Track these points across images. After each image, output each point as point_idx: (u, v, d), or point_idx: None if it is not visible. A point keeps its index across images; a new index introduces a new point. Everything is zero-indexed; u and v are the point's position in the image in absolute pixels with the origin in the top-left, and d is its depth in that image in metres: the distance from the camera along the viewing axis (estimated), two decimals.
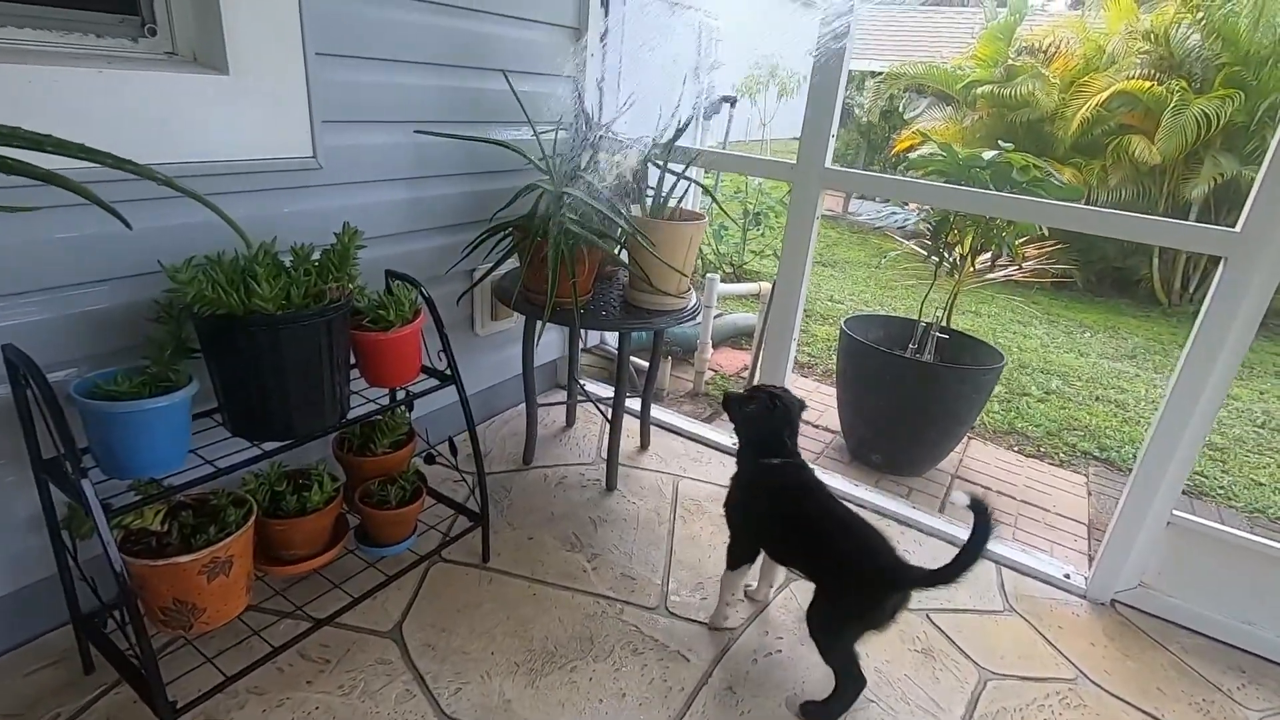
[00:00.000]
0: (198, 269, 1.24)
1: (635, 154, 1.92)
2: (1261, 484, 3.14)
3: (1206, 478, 3.12)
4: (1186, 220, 6.19)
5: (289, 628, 1.48)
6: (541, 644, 1.57)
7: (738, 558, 1.63)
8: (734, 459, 1.65)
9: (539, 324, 2.01)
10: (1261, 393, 4.58)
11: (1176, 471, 1.76)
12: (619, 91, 2.54)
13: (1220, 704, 1.61)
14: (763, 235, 5.69)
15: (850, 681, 1.44)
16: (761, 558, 1.71)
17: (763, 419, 1.57)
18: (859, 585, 1.40)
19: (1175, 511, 1.80)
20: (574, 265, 1.76)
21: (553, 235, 1.71)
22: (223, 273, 1.27)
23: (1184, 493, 2.75)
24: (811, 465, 1.60)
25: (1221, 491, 3.03)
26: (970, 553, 1.31)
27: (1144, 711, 1.57)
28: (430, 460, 1.83)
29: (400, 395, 1.75)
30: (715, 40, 3.43)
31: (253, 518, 1.35)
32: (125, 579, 1.12)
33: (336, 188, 1.73)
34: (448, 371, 1.68)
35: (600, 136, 2.11)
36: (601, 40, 2.39)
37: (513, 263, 2.04)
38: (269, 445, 1.36)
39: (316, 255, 1.42)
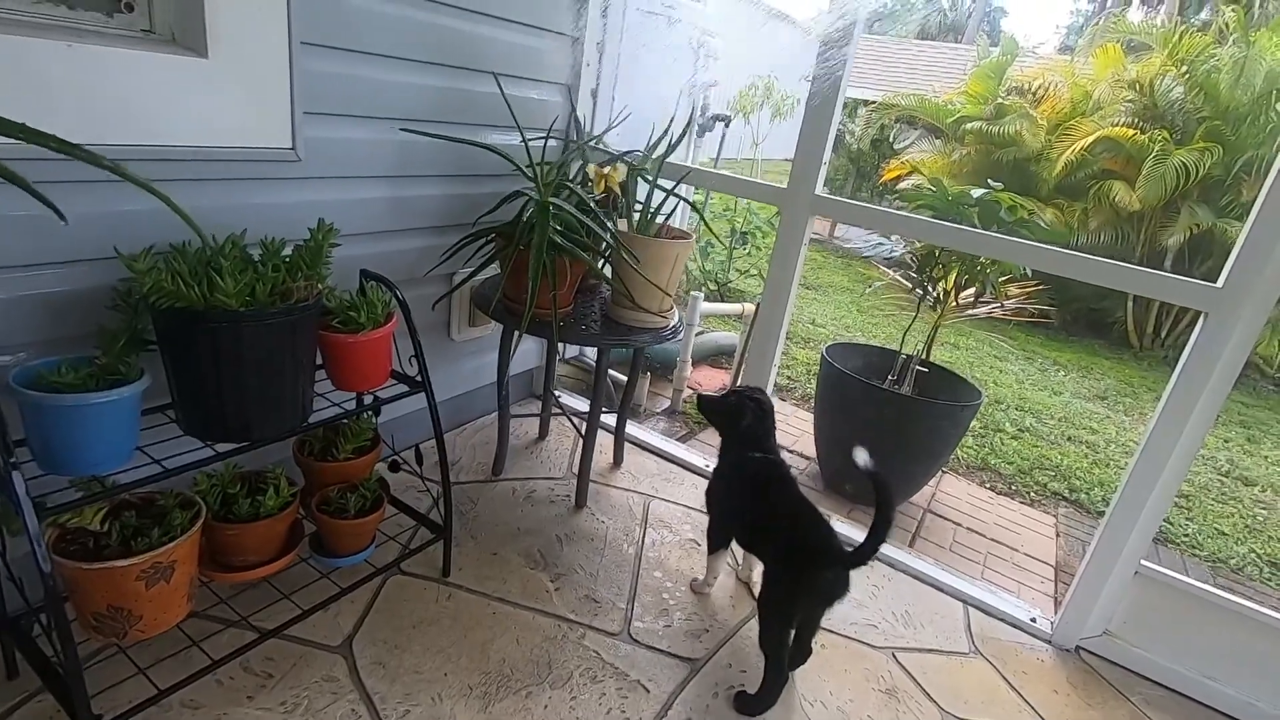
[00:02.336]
0: (157, 258, 1.18)
1: (625, 167, 1.89)
2: (1224, 534, 3.18)
3: (1172, 525, 3.15)
4: (1162, 267, 6.34)
5: (233, 638, 1.41)
6: (498, 666, 1.52)
7: (715, 543, 1.81)
8: (709, 474, 1.81)
9: (516, 335, 1.96)
10: (1226, 440, 4.67)
11: (1147, 521, 1.76)
12: (613, 102, 2.51)
13: None
14: (749, 254, 5.70)
15: (776, 673, 1.52)
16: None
17: (742, 413, 1.70)
18: (796, 564, 1.52)
19: (1143, 561, 1.80)
20: (555, 277, 1.72)
21: (535, 245, 1.67)
22: (185, 264, 1.21)
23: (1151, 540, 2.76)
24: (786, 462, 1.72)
25: (1186, 539, 3.06)
26: (878, 531, 1.42)
27: None
28: (395, 468, 1.78)
29: (368, 400, 1.69)
30: (712, 58, 3.43)
31: (200, 521, 1.28)
32: (53, 581, 1.05)
33: (315, 181, 1.67)
34: (418, 378, 1.63)
35: (591, 147, 2.08)
36: (598, 50, 2.37)
37: (493, 270, 1.99)
38: (223, 446, 1.30)
39: (288, 251, 1.37)
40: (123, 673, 1.27)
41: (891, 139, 10.00)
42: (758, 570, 1.83)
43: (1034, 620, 1.96)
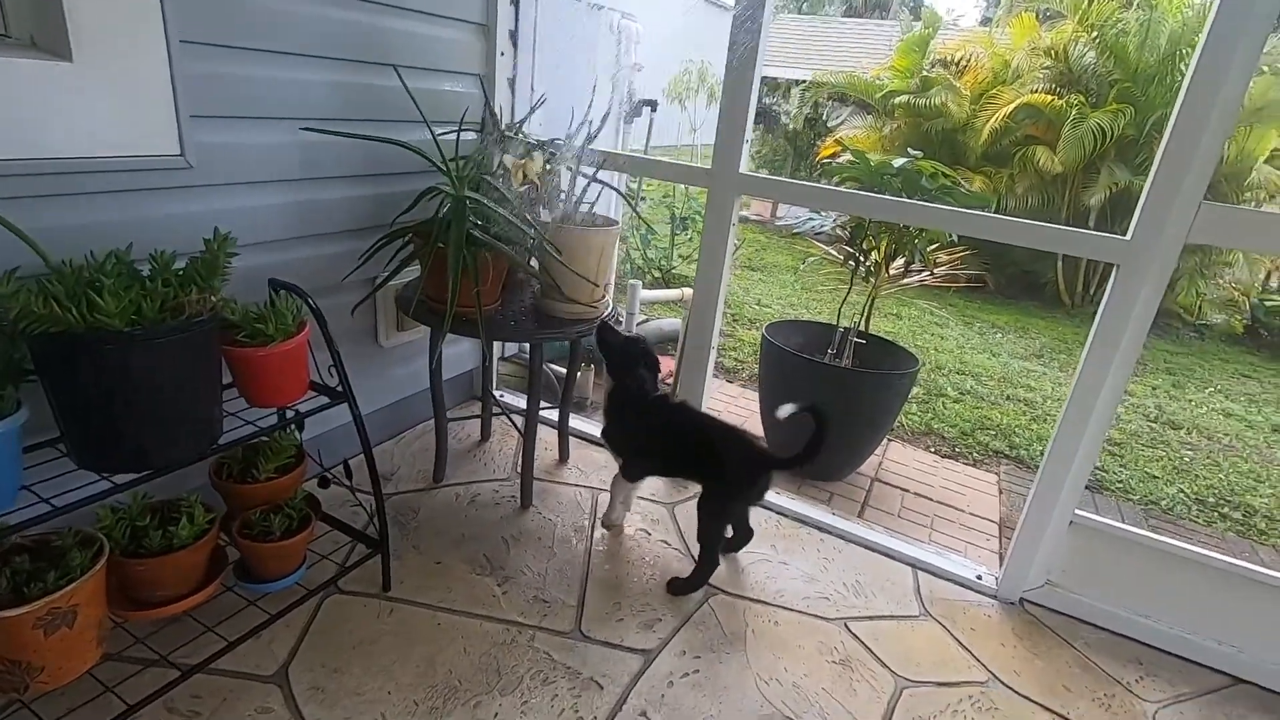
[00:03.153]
0: (23, 281, 1.09)
1: (543, 157, 1.84)
2: (1155, 477, 3.32)
3: (1106, 472, 3.28)
4: (1087, 226, 6.59)
5: (154, 678, 1.32)
6: (445, 679, 1.47)
7: (632, 476, 1.93)
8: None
9: (442, 336, 1.90)
10: (1154, 388, 4.89)
11: (1079, 471, 1.81)
12: (532, 91, 2.45)
13: (1120, 697, 1.66)
14: (690, 240, 5.70)
15: (710, 561, 1.80)
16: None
17: (644, 356, 1.86)
18: (729, 478, 1.78)
19: (1077, 511, 1.85)
20: (478, 273, 1.67)
21: (453, 241, 1.61)
22: (63, 284, 1.12)
23: (1086, 488, 2.87)
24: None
25: (1120, 485, 3.19)
26: (814, 445, 1.72)
27: (1051, 711, 1.60)
28: (324, 484, 1.70)
29: (288, 415, 1.61)
30: (634, 42, 3.38)
31: (103, 559, 1.19)
32: None
33: (210, 189, 1.58)
34: (339, 388, 1.56)
35: (509, 138, 2.02)
36: (511, 38, 2.30)
37: (416, 271, 1.92)
38: (124, 477, 1.21)
39: (182, 264, 1.29)
40: None
41: (825, 117, 10.14)
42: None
43: (980, 578, 2.00)
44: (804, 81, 10.30)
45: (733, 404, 3.33)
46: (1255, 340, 6.59)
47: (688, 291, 3.37)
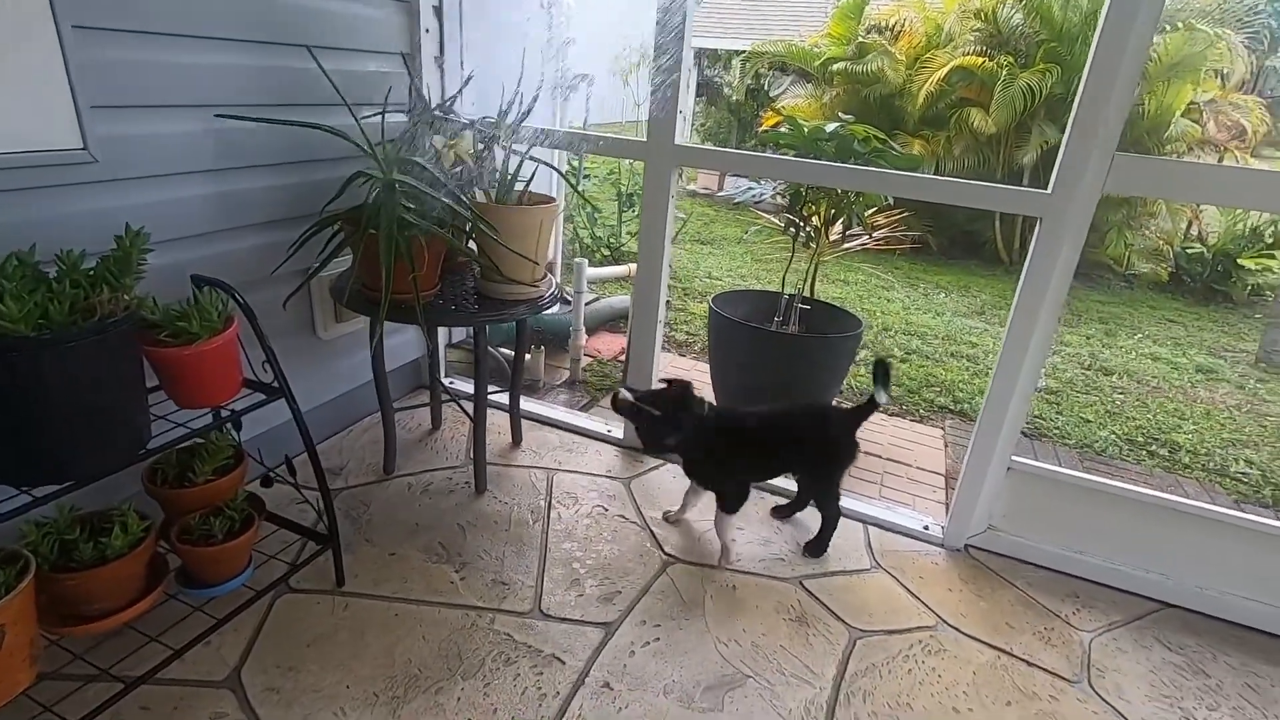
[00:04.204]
0: None
1: (473, 135, 1.80)
2: (1089, 421, 3.48)
3: (1044, 420, 3.42)
4: (1021, 183, 6.78)
5: (97, 693, 1.28)
6: (404, 668, 1.46)
7: (736, 505, 1.89)
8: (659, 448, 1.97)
9: (379, 324, 1.86)
10: (1088, 337, 5.10)
11: (1014, 418, 1.89)
12: (461, 69, 2.39)
13: (1059, 629, 1.75)
14: (638, 216, 5.68)
15: (835, 521, 1.95)
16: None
17: (690, 395, 1.81)
18: (835, 441, 1.88)
19: (1014, 457, 1.93)
20: (413, 258, 1.63)
21: (384, 226, 1.57)
22: None
23: (1025, 435, 2.99)
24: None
25: (1057, 431, 3.33)
26: (882, 379, 1.86)
27: (995, 648, 1.68)
28: (268, 483, 1.65)
29: (225, 414, 1.56)
30: (567, 16, 3.32)
31: (29, 576, 1.14)
32: None
33: (119, 184, 1.50)
34: (274, 384, 1.51)
35: (438, 118, 1.97)
36: (435, 14, 2.23)
37: (350, 260, 1.87)
38: (42, 490, 1.16)
39: (93, 263, 1.22)
40: None
41: (766, 87, 10.16)
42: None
43: (927, 528, 2.08)
44: (743, 52, 10.28)
45: (686, 375, 3.35)
46: (1179, 287, 6.92)
47: (635, 267, 3.36)
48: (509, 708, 1.39)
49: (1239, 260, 6.70)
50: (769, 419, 1.91)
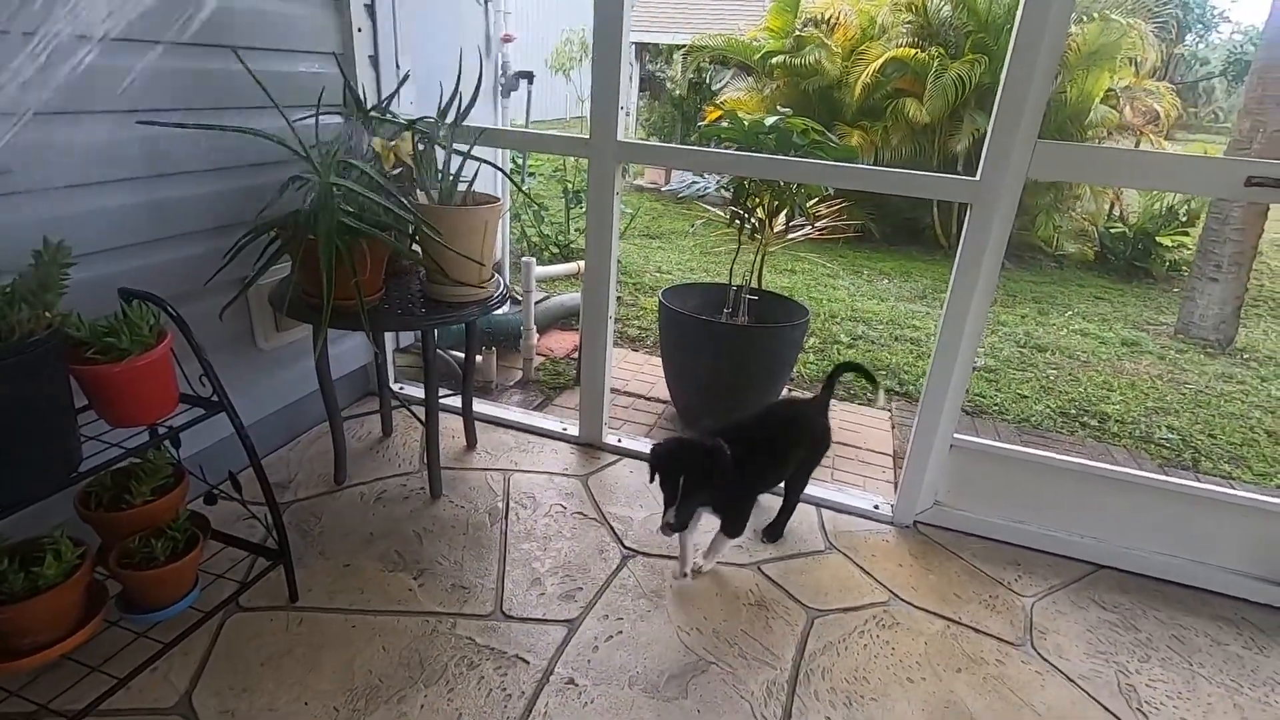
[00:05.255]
0: None
1: (411, 136, 1.77)
2: (1025, 396, 3.65)
3: (984, 397, 3.57)
4: (955, 171, 7.02)
5: None
6: (364, 680, 1.44)
7: (741, 529, 1.84)
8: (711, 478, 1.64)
9: (322, 331, 1.82)
10: (1023, 316, 5.33)
11: (954, 397, 1.96)
12: (398, 69, 2.35)
13: (1003, 596, 1.84)
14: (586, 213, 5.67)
15: (798, 500, 2.03)
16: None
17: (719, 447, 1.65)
18: (821, 433, 2.00)
19: (956, 435, 2.01)
20: (354, 263, 1.60)
21: (323, 231, 1.53)
22: None
23: (966, 413, 3.10)
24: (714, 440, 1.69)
25: (996, 408, 3.48)
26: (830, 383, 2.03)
27: (945, 618, 1.75)
28: (211, 500, 1.60)
29: (162, 432, 1.50)
30: (504, 13, 3.29)
31: None
32: None
33: (35, 195, 1.43)
34: (213, 398, 1.46)
35: (375, 119, 1.93)
36: (368, 12, 2.18)
37: (288, 267, 1.82)
38: None
39: (8, 281, 1.16)
40: None
41: (708, 81, 10.24)
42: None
43: (877, 507, 2.15)
44: (684, 46, 10.33)
45: (639, 371, 3.37)
46: (1105, 265, 7.28)
47: (584, 264, 3.36)
48: (474, 711, 1.39)
49: (1157, 238, 7.09)
50: (770, 425, 1.90)
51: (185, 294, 1.60)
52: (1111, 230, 7.41)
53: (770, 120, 2.28)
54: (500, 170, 2.12)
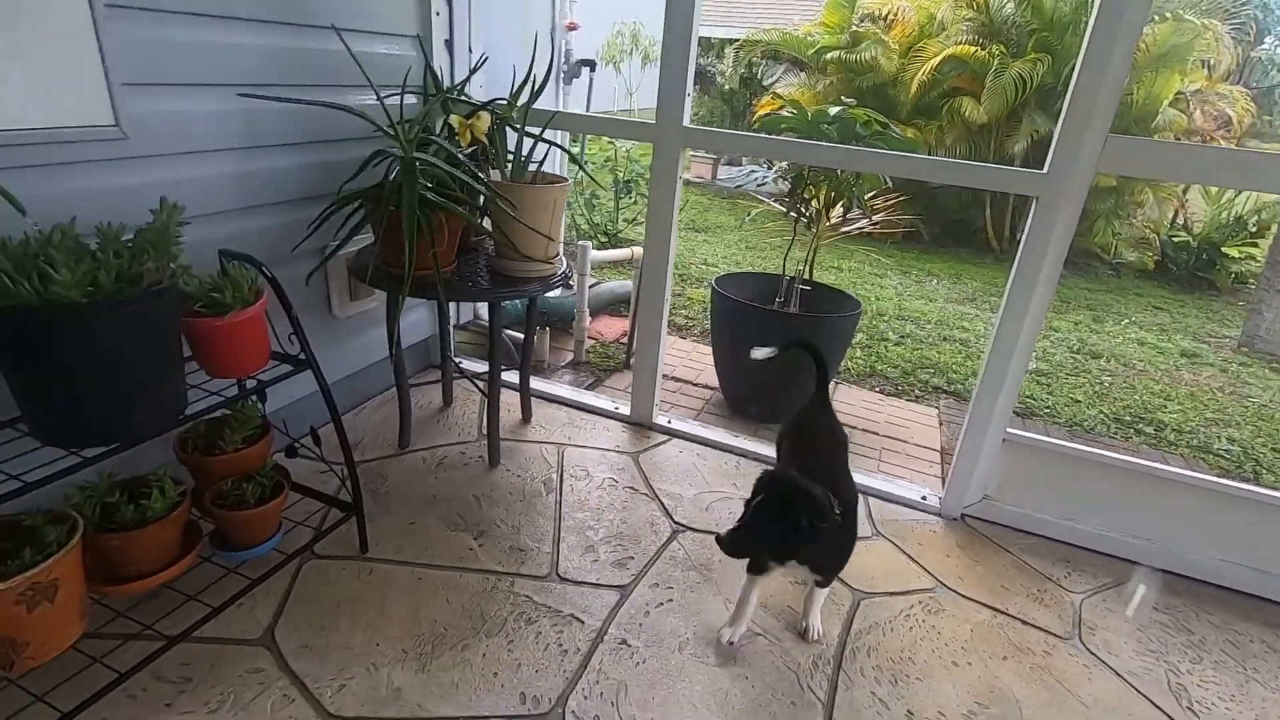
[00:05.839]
0: None
1: (488, 116, 1.84)
2: (1078, 401, 3.58)
3: (1035, 400, 3.52)
4: None
5: (139, 649, 1.33)
6: (430, 628, 1.52)
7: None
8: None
9: (401, 299, 1.91)
10: (1076, 323, 5.21)
11: (1008, 394, 1.96)
12: (470, 52, 2.43)
13: (1051, 591, 1.84)
14: (635, 203, 5.72)
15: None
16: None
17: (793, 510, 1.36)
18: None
19: (1009, 429, 2.01)
20: (433, 235, 1.68)
21: (406, 203, 1.62)
22: (8, 259, 1.10)
23: (1017, 414, 3.06)
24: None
25: (1047, 411, 3.43)
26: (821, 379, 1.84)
27: (992, 608, 1.76)
28: (292, 453, 1.71)
29: (251, 385, 1.61)
30: (570, 0, 3.36)
31: (78, 534, 1.20)
32: None
33: (149, 160, 1.54)
34: (301, 356, 1.56)
35: (454, 99, 2.01)
36: None
37: (368, 238, 1.92)
38: (91, 452, 1.21)
39: (129, 236, 1.27)
40: (17, 703, 1.19)
41: (760, 76, 10.19)
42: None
43: (925, 499, 2.16)
44: (737, 40, 10.30)
45: (687, 357, 3.42)
46: (1165, 275, 7.05)
47: (637, 251, 3.42)
48: (533, 662, 1.46)
49: (1223, 249, 6.83)
50: (828, 444, 1.69)
51: (272, 260, 1.70)
52: (1174, 239, 7.17)
53: (834, 110, 2.30)
54: (567, 152, 2.18)
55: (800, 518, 1.32)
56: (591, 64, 3.46)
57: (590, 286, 3.37)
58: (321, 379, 1.57)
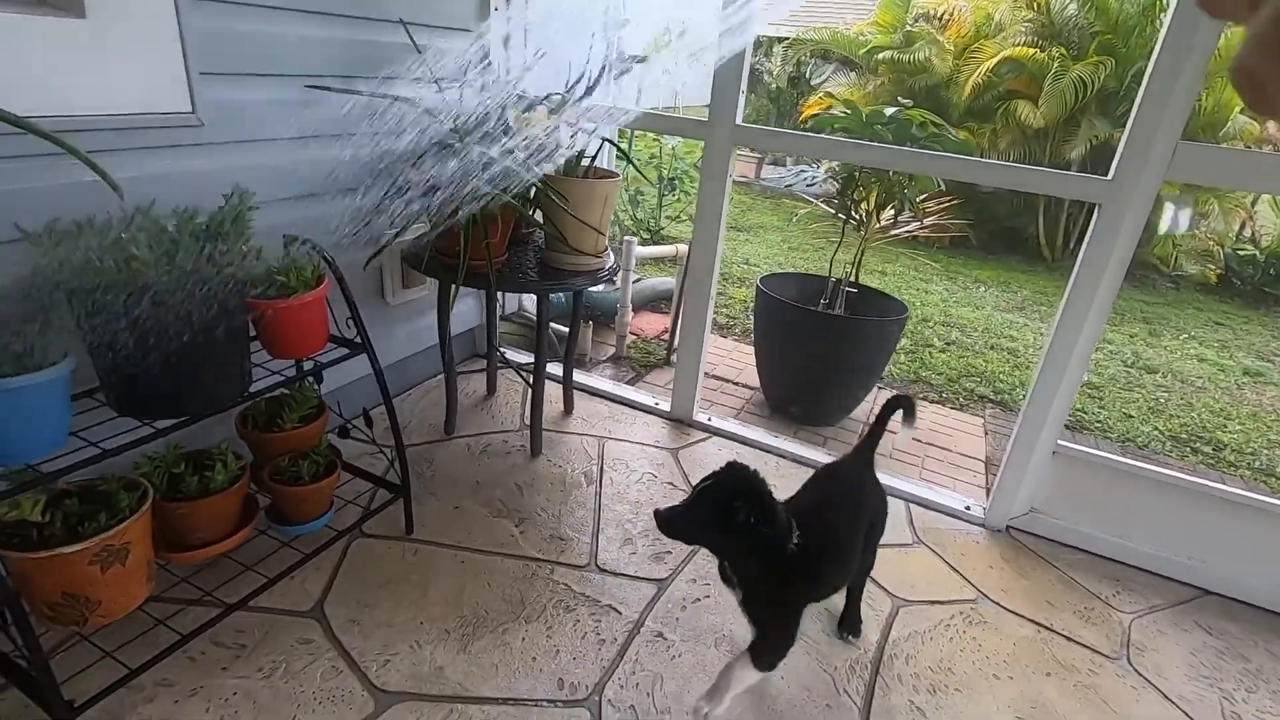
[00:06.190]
0: (63, 235, 1.12)
1: (544, 111, 1.87)
2: (1131, 416, 3.47)
3: (1086, 413, 3.42)
4: None
5: (198, 615, 1.40)
6: (472, 610, 1.56)
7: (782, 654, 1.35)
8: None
9: (453, 288, 1.95)
10: (1131, 336, 5.04)
11: (1060, 407, 1.92)
12: (526, 48, 2.46)
13: (1099, 610, 1.79)
14: (678, 200, 5.72)
15: None
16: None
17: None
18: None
19: (1060, 441, 1.96)
20: (487, 226, 1.72)
21: (463, 195, 1.65)
22: (95, 238, 1.16)
23: (1067, 427, 2.98)
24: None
25: (1099, 425, 3.33)
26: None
27: (1036, 623, 1.72)
28: (344, 434, 1.76)
29: (308, 367, 1.66)
30: None
31: (149, 501, 1.26)
32: (3, 576, 1.03)
33: (222, 146, 1.60)
34: (357, 340, 1.61)
35: (508, 93, 2.04)
36: None
37: (421, 227, 1.96)
38: (163, 424, 1.27)
39: (203, 219, 1.32)
40: (88, 659, 1.25)
41: (808, 75, 10.07)
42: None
43: (968, 508, 2.12)
44: (786, 39, 10.19)
45: (727, 356, 3.41)
46: (1228, 289, 6.76)
47: (681, 248, 3.42)
48: (571, 650, 1.48)
49: None
50: (835, 503, 1.45)
51: (331, 245, 1.75)
52: (1240, 252, 6.87)
53: (890, 111, 2.26)
54: (618, 148, 2.20)
55: (740, 512, 1.18)
56: (643, 60, 3.46)
57: (633, 282, 3.38)
58: (376, 363, 1.62)
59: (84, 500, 1.24)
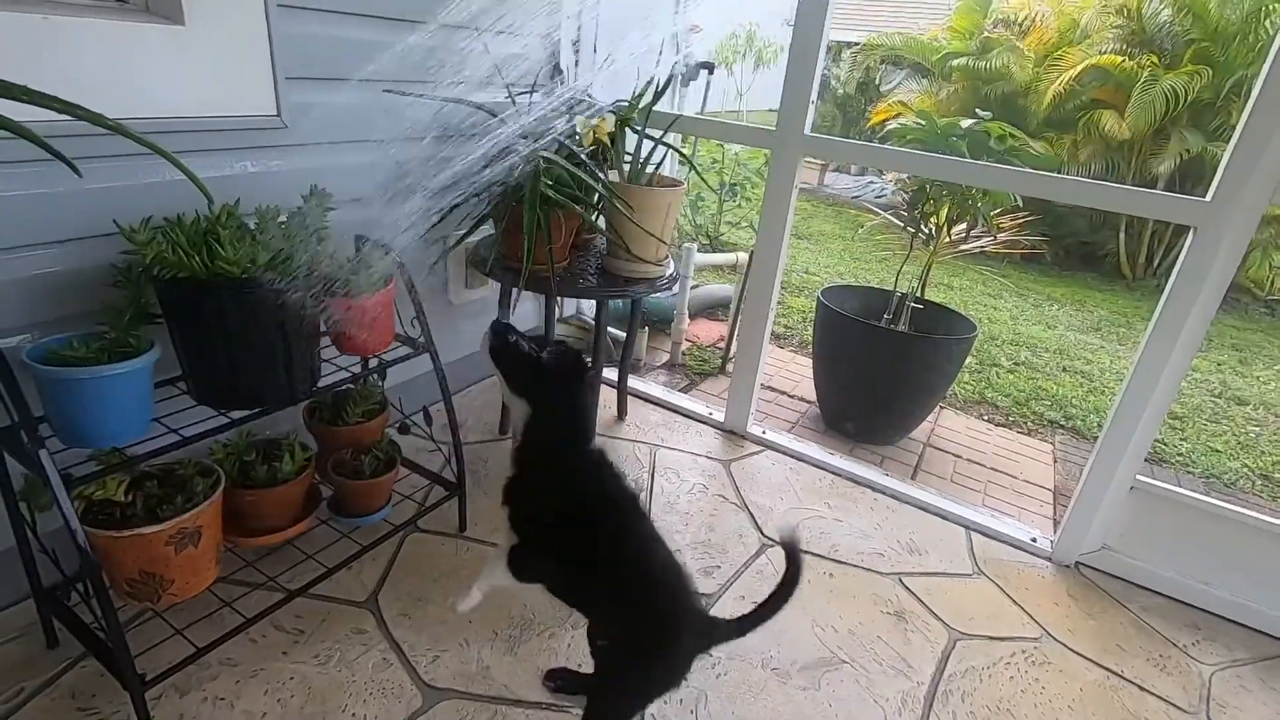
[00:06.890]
0: (156, 230, 1.19)
1: (613, 118, 1.87)
2: (1218, 450, 3.25)
3: (1166, 445, 3.22)
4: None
5: (261, 599, 1.45)
6: (520, 613, 1.57)
7: (524, 573, 1.24)
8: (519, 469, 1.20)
9: (515, 291, 1.97)
10: (1219, 364, 4.72)
11: (1140, 439, 1.81)
12: (595, 54, 2.48)
13: (1176, 659, 1.68)
14: (739, 207, 5.66)
15: None
16: None
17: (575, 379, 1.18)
18: (657, 641, 1.17)
19: (1139, 476, 1.85)
20: (550, 231, 1.73)
21: (528, 200, 1.67)
22: (183, 234, 1.22)
23: (1145, 460, 2.83)
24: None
25: (1180, 459, 3.13)
26: (779, 596, 1.26)
27: (1105, 668, 1.63)
28: (404, 430, 1.80)
29: (372, 364, 1.71)
30: (693, 3, 3.35)
31: (221, 487, 1.31)
32: (88, 551, 1.09)
33: (302, 148, 1.66)
34: (421, 339, 1.64)
35: (576, 99, 2.06)
36: None
37: (488, 230, 1.99)
38: (237, 414, 1.32)
39: (283, 218, 1.37)
40: (160, 635, 1.32)
41: (878, 81, 9.84)
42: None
43: (1034, 540, 2.02)
44: (856, 44, 9.98)
45: (784, 367, 3.36)
46: None
47: (741, 256, 3.38)
48: None
49: None
50: (633, 527, 1.25)
51: (398, 246, 1.80)
52: None
53: (966, 123, 2.18)
54: (683, 155, 2.19)
55: (542, 356, 1.12)
56: (710, 66, 3.44)
57: (691, 288, 3.37)
58: (438, 363, 1.65)
59: (163, 483, 1.30)
